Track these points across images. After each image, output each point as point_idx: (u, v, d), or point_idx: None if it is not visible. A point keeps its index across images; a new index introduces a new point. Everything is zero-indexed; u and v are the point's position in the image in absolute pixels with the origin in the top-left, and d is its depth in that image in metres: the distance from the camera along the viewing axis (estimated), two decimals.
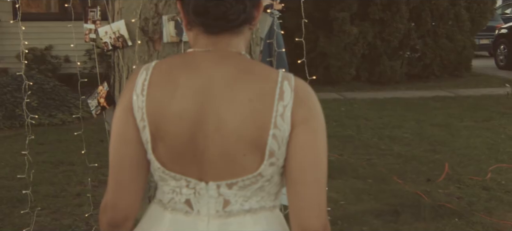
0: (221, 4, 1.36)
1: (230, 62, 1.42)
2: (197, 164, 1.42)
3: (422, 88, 12.36)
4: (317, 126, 1.42)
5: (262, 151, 1.38)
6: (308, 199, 1.41)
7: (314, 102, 1.44)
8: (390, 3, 12.16)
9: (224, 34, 1.42)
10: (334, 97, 11.16)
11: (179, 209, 1.47)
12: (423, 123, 8.73)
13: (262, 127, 1.37)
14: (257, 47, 2.99)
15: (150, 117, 1.41)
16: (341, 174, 6.00)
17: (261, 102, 1.37)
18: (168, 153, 1.42)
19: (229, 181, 1.42)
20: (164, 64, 1.47)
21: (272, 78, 1.40)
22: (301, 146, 1.40)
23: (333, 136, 7.75)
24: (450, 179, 5.88)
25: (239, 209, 1.45)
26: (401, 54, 12.98)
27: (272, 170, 1.42)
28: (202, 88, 1.39)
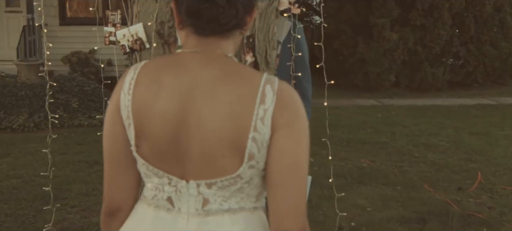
0: (214, 7, 1.39)
1: (216, 64, 1.44)
2: (179, 163, 1.44)
3: (464, 96, 12.13)
4: (299, 130, 1.42)
5: (242, 153, 1.40)
6: (287, 202, 1.42)
7: (297, 106, 1.44)
8: (432, 9, 11.97)
9: (213, 37, 1.45)
10: (371, 104, 11.07)
11: (161, 206, 1.50)
12: (462, 131, 8.57)
13: (242, 130, 1.38)
14: (273, 51, 3.01)
15: (135, 115, 1.44)
16: (371, 180, 5.96)
17: (242, 105, 1.39)
18: (151, 150, 1.45)
19: (209, 180, 1.44)
20: (152, 64, 1.50)
21: (255, 82, 1.41)
22: (281, 149, 1.40)
23: (367, 142, 7.71)
24: (483, 188, 5.76)
25: (218, 208, 1.46)
26: (443, 61, 12.75)
27: (252, 172, 1.43)
28: (186, 89, 1.42)
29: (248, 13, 1.46)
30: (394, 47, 12.03)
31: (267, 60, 2.97)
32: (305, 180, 1.44)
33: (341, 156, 6.95)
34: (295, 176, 1.41)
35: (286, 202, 1.41)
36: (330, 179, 5.96)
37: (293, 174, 1.41)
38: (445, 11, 11.94)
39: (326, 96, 4.20)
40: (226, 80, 1.42)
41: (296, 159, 1.41)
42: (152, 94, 1.43)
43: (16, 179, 5.88)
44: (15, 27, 13.01)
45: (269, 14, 2.95)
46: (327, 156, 6.94)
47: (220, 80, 1.41)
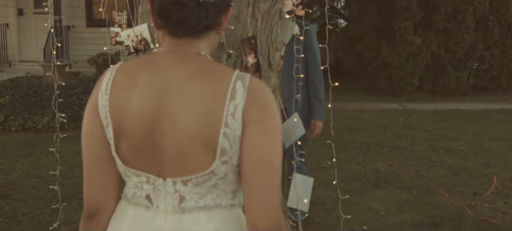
0: (183, 10, 1.41)
1: (188, 63, 1.47)
2: (156, 161, 1.47)
3: (488, 101, 11.97)
4: (271, 125, 1.44)
5: (214, 149, 1.42)
6: (261, 198, 1.44)
7: (269, 102, 1.46)
8: (455, 12, 11.83)
9: (186, 37, 1.48)
10: (394, 108, 11.00)
11: (141, 204, 1.53)
12: (482, 135, 8.46)
13: (213, 126, 1.41)
14: (276, 52, 3.03)
15: (113, 115, 1.47)
16: (387, 184, 5.93)
17: (213, 102, 1.41)
18: (129, 149, 1.48)
19: (184, 177, 1.47)
20: (129, 64, 1.53)
21: (226, 78, 1.44)
22: (253, 145, 1.42)
23: (386, 146, 7.67)
24: (499, 193, 5.69)
25: (194, 205, 1.49)
26: (467, 66, 12.59)
27: (225, 168, 1.46)
28: (160, 87, 1.44)
29: (221, 13, 1.49)
30: (417, 51, 11.93)
31: (269, 61, 2.99)
32: (277, 176, 1.45)
33: (359, 160, 6.93)
34: (266, 172, 1.43)
35: (259, 198, 1.44)
36: (345, 182, 5.98)
37: (264, 170, 1.43)
38: (468, 15, 11.79)
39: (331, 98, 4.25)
40: (198, 78, 1.44)
41: (267, 155, 1.43)
42: (128, 94, 1.46)
43: (36, 179, 6.00)
44: (42, 29, 13.27)
45: (272, 15, 2.97)
46: (344, 159, 7.00)
47: (192, 78, 1.44)
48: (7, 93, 8.56)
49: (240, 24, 2.86)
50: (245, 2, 2.85)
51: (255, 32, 2.89)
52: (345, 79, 14.35)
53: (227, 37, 2.81)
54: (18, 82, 8.97)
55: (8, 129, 8.24)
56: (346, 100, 11.85)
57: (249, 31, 2.87)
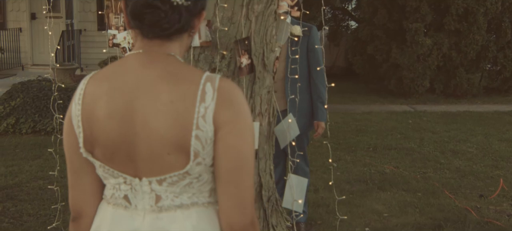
0: (156, 12, 1.43)
1: (158, 64, 1.48)
2: (131, 162, 1.49)
3: (500, 102, 11.87)
4: (243, 126, 1.46)
5: (187, 151, 1.44)
6: (233, 198, 1.46)
7: (239, 103, 1.47)
8: (467, 13, 11.75)
9: (157, 39, 1.49)
10: (404, 110, 10.95)
11: (119, 204, 1.56)
12: (492, 137, 8.39)
13: (185, 128, 1.42)
14: (271, 53, 3.05)
15: (85, 123, 1.50)
16: (392, 186, 5.91)
17: (183, 104, 1.43)
18: (104, 153, 1.51)
19: (159, 177, 1.49)
20: (101, 72, 1.55)
21: (195, 80, 1.45)
22: (225, 147, 1.44)
23: (394, 148, 7.64)
24: (505, 195, 5.64)
25: (170, 204, 1.51)
26: (480, 67, 12.49)
27: (200, 169, 1.48)
28: (130, 89, 1.46)
29: (195, 16, 1.51)
30: (428, 53, 11.86)
31: (264, 62, 3.01)
32: (251, 175, 1.47)
33: (365, 161, 6.91)
34: (240, 172, 1.45)
35: (232, 197, 1.46)
36: (350, 184, 5.96)
37: (238, 171, 1.45)
38: (480, 16, 11.70)
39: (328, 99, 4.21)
40: (167, 80, 1.45)
41: (240, 156, 1.45)
42: (99, 100, 1.49)
43: (43, 180, 6.05)
44: (55, 32, 13.41)
45: (266, 17, 2.99)
46: (350, 161, 6.99)
47: (161, 80, 1.45)
48: (18, 97, 8.64)
49: (234, 25, 2.88)
50: (239, 4, 2.87)
51: (249, 34, 2.91)
52: (355, 81, 14.36)
53: (221, 39, 2.84)
54: (29, 86, 9.05)
55: (19, 131, 8.32)
56: (356, 102, 11.84)
57: (243, 33, 2.89)
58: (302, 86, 4.35)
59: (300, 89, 4.34)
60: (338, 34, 15.67)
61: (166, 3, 1.42)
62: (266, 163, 3.07)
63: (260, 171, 3.00)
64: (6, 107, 8.53)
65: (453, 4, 11.68)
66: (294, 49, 3.89)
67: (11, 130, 8.33)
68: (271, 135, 3.14)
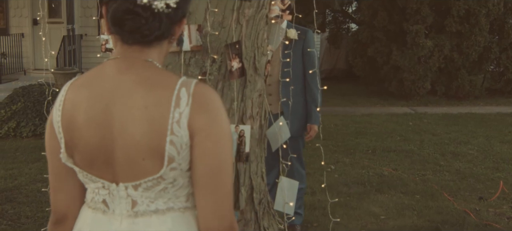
0: (136, 19, 1.43)
1: (135, 70, 1.49)
2: (109, 167, 1.51)
3: (503, 104, 11.84)
4: (219, 132, 1.46)
5: (161, 156, 1.44)
6: (211, 203, 1.47)
7: (215, 108, 1.47)
8: (468, 15, 11.72)
9: (137, 45, 1.50)
10: (405, 112, 10.93)
11: (98, 208, 1.57)
12: (493, 139, 8.36)
13: (159, 133, 1.43)
14: (263, 57, 3.04)
15: (65, 128, 1.52)
16: (390, 188, 5.90)
17: (158, 109, 1.43)
18: (83, 158, 1.52)
19: (134, 182, 1.50)
20: (80, 78, 1.57)
21: (170, 86, 1.46)
22: (202, 152, 1.45)
23: (393, 150, 7.62)
24: (505, 198, 5.62)
25: (146, 209, 1.52)
26: (482, 68, 12.45)
27: (175, 174, 1.48)
28: (108, 95, 1.48)
29: (175, 24, 1.51)
30: (429, 54, 11.84)
31: (255, 66, 3.00)
32: (228, 180, 1.48)
33: (364, 164, 6.90)
34: (217, 178, 1.46)
35: (210, 202, 1.47)
36: (348, 186, 5.95)
37: (215, 176, 1.46)
38: (482, 17, 11.67)
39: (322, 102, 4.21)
40: (143, 85, 1.46)
41: (217, 161, 1.45)
42: (78, 106, 1.50)
43: (41, 183, 6.06)
44: (56, 37, 13.48)
45: (257, 21, 2.99)
46: (349, 163, 6.97)
47: (137, 85, 1.46)
48: (19, 101, 8.68)
49: (225, 30, 2.88)
50: (229, 8, 2.86)
51: (240, 38, 2.91)
52: (356, 84, 14.35)
53: (211, 43, 2.83)
54: (30, 90, 9.09)
55: (20, 135, 8.35)
56: (357, 105, 11.82)
57: (233, 37, 2.88)
58: (297, 90, 4.35)
59: (295, 93, 4.33)
60: (338, 36, 15.65)
61: (147, 10, 1.43)
62: (258, 166, 3.07)
63: (251, 174, 3.00)
64: (7, 111, 8.57)
65: (454, 5, 11.66)
66: (289, 53, 3.89)
67: (12, 134, 8.36)
68: (263, 138, 3.14)
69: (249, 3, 2.89)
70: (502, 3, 11.89)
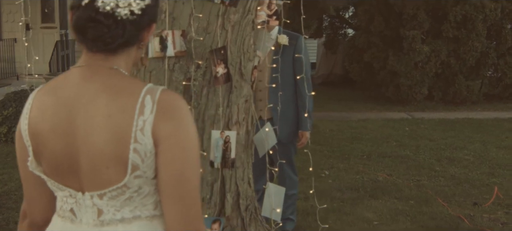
0: (98, 27, 1.41)
1: (99, 78, 1.47)
2: (75, 175, 1.49)
3: (501, 110, 11.80)
4: (184, 140, 1.44)
5: (125, 164, 1.42)
6: (178, 212, 1.44)
7: (181, 116, 1.45)
8: (465, 20, 11.69)
9: (101, 53, 1.48)
10: (401, 117, 10.89)
11: (67, 217, 1.55)
12: (490, 144, 8.32)
13: (123, 141, 1.41)
14: (249, 63, 3.02)
15: (31, 137, 1.50)
16: (384, 194, 5.86)
17: (122, 117, 1.41)
18: (49, 166, 1.51)
19: (99, 191, 1.47)
20: (46, 85, 1.55)
21: (135, 93, 1.43)
22: (167, 161, 1.42)
23: (388, 155, 7.59)
24: (500, 203, 5.58)
25: (111, 218, 1.50)
26: (479, 74, 12.41)
27: (139, 182, 1.46)
28: (71, 104, 1.46)
29: (142, 30, 1.49)
30: (426, 60, 11.81)
31: (241, 72, 2.98)
32: (195, 188, 1.46)
33: (359, 169, 6.86)
34: (182, 186, 1.43)
35: (176, 211, 1.44)
36: (341, 192, 5.92)
37: (179, 185, 1.43)
38: (479, 22, 11.64)
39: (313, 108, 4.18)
40: (107, 93, 1.44)
41: (181, 170, 1.43)
42: (43, 114, 1.48)
43: None
44: (49, 42, 13.49)
45: (243, 26, 2.97)
46: (343, 169, 6.94)
47: (101, 93, 1.44)
48: (10, 106, 8.65)
49: (210, 35, 2.86)
50: (214, 14, 2.85)
51: (225, 43, 2.88)
52: (353, 89, 14.31)
53: (196, 49, 2.82)
54: (22, 95, 9.06)
55: (11, 140, 8.30)
56: (353, 110, 11.79)
57: (218, 42, 2.86)
58: (287, 96, 4.31)
59: (286, 99, 4.30)
60: (335, 42, 15.62)
61: (110, 17, 1.41)
62: (244, 172, 3.04)
63: (237, 180, 2.98)
64: None
65: (451, 11, 11.64)
66: (279, 58, 3.86)
67: (3, 139, 8.34)
68: (250, 143, 3.11)
69: (234, 9, 2.87)
70: (499, 8, 11.86)
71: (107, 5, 1.40)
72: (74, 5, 1.45)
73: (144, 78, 2.84)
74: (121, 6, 1.42)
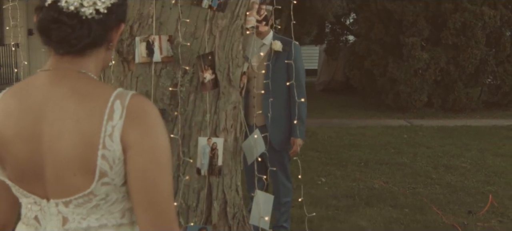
0: (62, 28, 1.37)
1: (66, 82, 1.43)
2: (39, 182, 1.45)
3: (500, 117, 11.75)
4: (154, 146, 1.40)
5: (93, 170, 1.39)
6: (148, 220, 1.41)
7: (151, 122, 1.42)
8: (464, 27, 11.66)
9: (68, 56, 1.44)
10: (400, 124, 10.85)
11: (31, 225, 1.51)
12: (487, 152, 8.29)
13: (91, 147, 1.37)
14: (237, 68, 3.00)
15: None
16: (379, 202, 5.83)
17: (89, 123, 1.38)
18: (14, 172, 1.46)
19: (64, 199, 1.44)
20: (11, 90, 1.51)
21: (104, 98, 1.40)
22: (135, 168, 1.39)
23: (385, 163, 7.56)
24: (494, 212, 5.55)
25: (77, 226, 1.46)
26: (479, 81, 12.37)
27: (107, 189, 1.42)
28: (38, 109, 1.42)
29: (109, 30, 1.45)
30: (425, 67, 11.79)
31: (229, 78, 2.97)
32: (164, 196, 1.42)
33: (355, 177, 6.84)
34: (153, 193, 1.40)
35: (147, 218, 1.41)
36: (337, 199, 5.89)
37: (150, 192, 1.40)
38: (478, 30, 11.62)
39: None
40: (75, 98, 1.40)
41: (151, 176, 1.40)
42: (8, 118, 1.44)
43: None
44: None
45: (232, 32, 2.95)
46: (340, 176, 6.91)
47: (68, 98, 1.40)
48: None
49: (197, 40, 2.85)
50: (202, 19, 2.83)
51: (213, 49, 2.87)
52: (353, 96, 14.30)
53: (183, 54, 2.80)
54: None
55: None
56: (353, 117, 11.76)
57: (206, 48, 2.85)
58: (280, 102, 4.30)
59: (279, 105, 4.28)
60: (336, 48, 15.62)
61: (74, 18, 1.37)
62: (232, 179, 3.02)
63: (224, 188, 2.95)
64: None
65: (450, 18, 11.62)
66: (270, 64, 3.84)
67: None
68: (238, 151, 3.09)
69: (222, 14, 2.86)
70: (498, 15, 11.83)
71: (70, 5, 1.37)
72: (38, 7, 1.41)
73: (131, 83, 2.83)
74: (86, 5, 1.38)
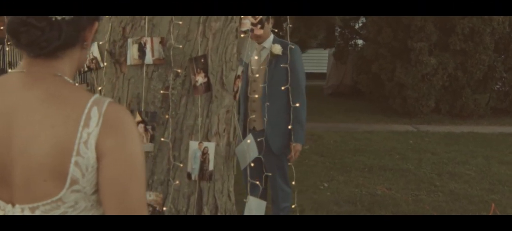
0: (31, 31, 1.35)
1: (40, 85, 1.40)
2: (6, 187, 1.41)
3: (508, 124, 11.63)
4: (129, 155, 1.38)
5: (64, 177, 1.36)
6: None
7: (127, 130, 1.39)
8: (473, 33, 11.56)
9: (41, 58, 1.41)
10: (407, 130, 10.77)
11: None
12: (492, 159, 8.19)
13: (64, 154, 1.35)
14: (231, 72, 2.96)
15: None
16: (381, 208, 5.78)
17: (64, 129, 1.35)
18: None
19: (31, 204, 1.40)
20: None
21: (80, 103, 1.37)
22: (108, 176, 1.37)
23: (390, 169, 7.49)
24: None
25: None
26: (488, 87, 12.25)
27: (76, 197, 1.39)
28: (9, 112, 1.38)
29: (82, 30, 1.43)
30: (433, 72, 11.69)
31: (222, 81, 2.93)
32: (137, 205, 1.39)
33: (358, 182, 6.78)
34: (125, 202, 1.38)
35: None
36: (338, 205, 5.84)
37: (123, 201, 1.38)
38: (486, 36, 11.51)
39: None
40: (49, 102, 1.37)
41: (125, 185, 1.37)
42: None
43: None
44: None
45: (226, 34, 2.91)
46: (343, 181, 6.85)
47: (42, 102, 1.37)
48: None
49: (190, 43, 2.81)
50: (195, 21, 2.80)
51: (206, 52, 2.83)
52: (361, 100, 14.22)
53: (175, 57, 2.76)
54: None
55: None
56: (359, 121, 11.69)
57: (199, 51, 2.81)
58: (280, 106, 4.26)
59: (278, 110, 4.25)
60: (345, 52, 15.55)
61: (43, 20, 1.34)
62: (224, 184, 2.98)
63: (215, 193, 2.91)
64: None
65: (458, 23, 11.52)
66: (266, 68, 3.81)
67: None
68: (231, 156, 3.05)
69: (216, 17, 2.82)
70: (507, 22, 11.71)
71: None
72: None
73: (123, 86, 2.80)
74: None
